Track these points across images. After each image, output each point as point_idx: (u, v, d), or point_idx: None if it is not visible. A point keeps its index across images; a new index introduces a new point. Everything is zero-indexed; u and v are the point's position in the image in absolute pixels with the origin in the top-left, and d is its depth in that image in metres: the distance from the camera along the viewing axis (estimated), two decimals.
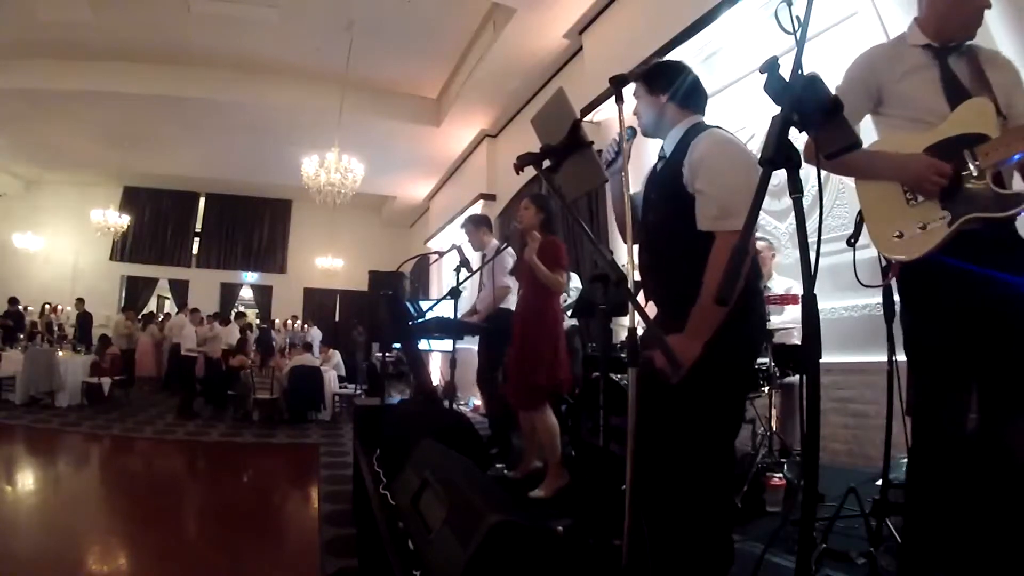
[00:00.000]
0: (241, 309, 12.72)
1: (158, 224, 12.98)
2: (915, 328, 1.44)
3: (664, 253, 1.60)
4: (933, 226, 1.35)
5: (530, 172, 1.48)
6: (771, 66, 0.96)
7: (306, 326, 11.54)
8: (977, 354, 1.33)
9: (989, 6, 1.45)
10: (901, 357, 1.63)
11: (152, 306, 13.40)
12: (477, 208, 8.38)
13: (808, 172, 1.12)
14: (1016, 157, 1.30)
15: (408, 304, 3.70)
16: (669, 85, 1.63)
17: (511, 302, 3.48)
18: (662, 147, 1.69)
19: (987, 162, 1.30)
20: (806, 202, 0.96)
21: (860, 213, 1.57)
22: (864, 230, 1.56)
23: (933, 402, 1.37)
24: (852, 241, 1.74)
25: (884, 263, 1.66)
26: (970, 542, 1.39)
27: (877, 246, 1.50)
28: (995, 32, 2.54)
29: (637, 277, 1.71)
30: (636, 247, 1.58)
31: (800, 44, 0.95)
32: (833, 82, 1.51)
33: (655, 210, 1.65)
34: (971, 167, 1.32)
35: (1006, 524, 1.33)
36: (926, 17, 1.50)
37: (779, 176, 0.94)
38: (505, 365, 3.32)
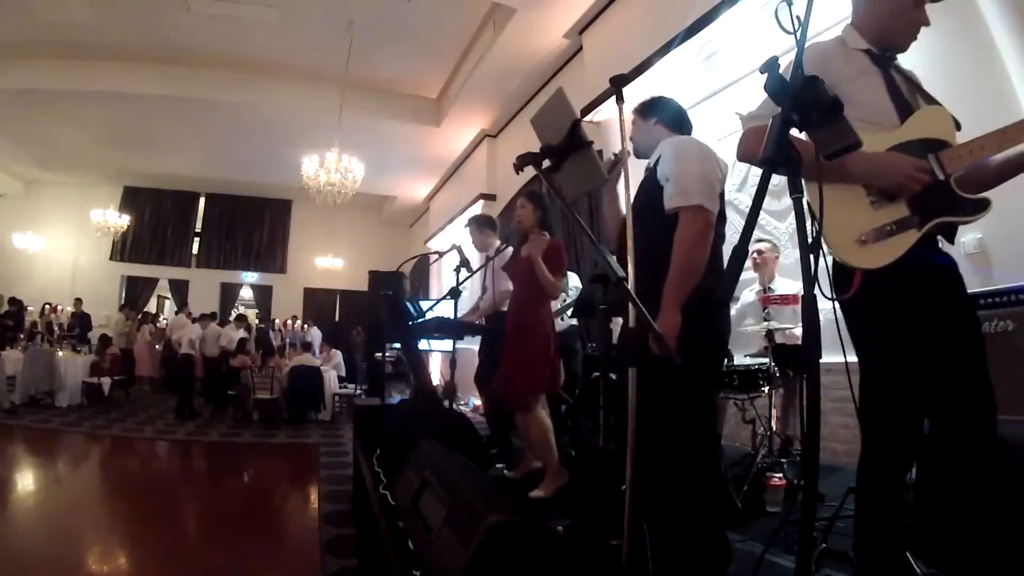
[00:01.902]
0: (241, 309, 12.72)
1: (158, 224, 12.97)
2: (878, 333, 1.39)
3: (643, 245, 1.70)
4: (901, 230, 1.33)
5: (530, 172, 1.48)
6: (771, 66, 0.96)
7: (306, 326, 11.54)
8: (936, 355, 1.32)
9: (927, 23, 1.46)
10: None
11: (152, 306, 13.40)
12: (477, 208, 8.37)
13: None
14: (978, 163, 1.31)
15: (408, 304, 3.70)
16: (655, 110, 1.97)
17: None
18: (649, 160, 1.93)
19: (953, 167, 1.32)
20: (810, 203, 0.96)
21: (813, 218, 1.39)
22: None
23: (891, 410, 1.36)
24: (814, 248, 1.62)
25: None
26: (932, 541, 1.39)
27: (837, 253, 1.38)
28: (995, 32, 2.54)
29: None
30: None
31: (800, 44, 0.95)
32: None
33: (636, 211, 1.79)
34: (937, 171, 1.33)
35: (965, 523, 1.33)
36: (863, 20, 1.51)
37: (779, 176, 0.94)
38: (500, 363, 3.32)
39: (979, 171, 1.35)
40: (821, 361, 0.91)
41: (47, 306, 10.58)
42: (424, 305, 3.60)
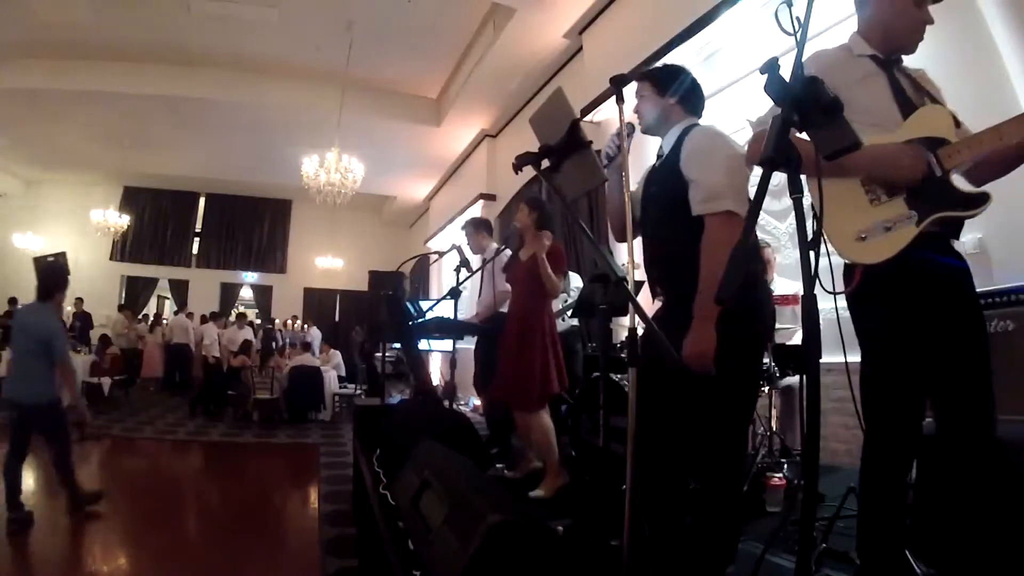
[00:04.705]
0: (241, 309, 12.71)
1: (158, 224, 12.96)
2: (879, 327, 1.42)
3: (667, 243, 1.69)
4: (900, 226, 1.35)
5: (530, 172, 1.48)
6: (771, 66, 0.96)
7: (306, 326, 11.54)
8: (937, 354, 1.35)
9: (931, 21, 1.48)
10: None
11: (152, 306, 13.39)
12: (477, 208, 8.38)
13: None
14: (976, 159, 1.34)
15: (408, 304, 3.70)
16: (676, 87, 1.75)
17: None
18: (660, 146, 1.79)
19: (950, 164, 1.34)
20: (806, 202, 0.96)
21: (815, 216, 1.39)
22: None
23: (892, 404, 1.38)
24: (814, 245, 1.67)
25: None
26: (932, 541, 1.40)
27: (838, 249, 1.40)
28: (995, 32, 2.54)
29: (639, 276, 1.78)
30: (638, 242, 1.63)
31: (800, 44, 0.95)
32: None
33: (656, 203, 1.74)
34: (935, 169, 1.35)
35: (964, 523, 1.35)
36: (869, 28, 1.52)
37: (779, 176, 0.94)
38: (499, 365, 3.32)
39: (984, 160, 1.36)
40: (821, 361, 0.91)
41: None
42: (424, 305, 3.60)
